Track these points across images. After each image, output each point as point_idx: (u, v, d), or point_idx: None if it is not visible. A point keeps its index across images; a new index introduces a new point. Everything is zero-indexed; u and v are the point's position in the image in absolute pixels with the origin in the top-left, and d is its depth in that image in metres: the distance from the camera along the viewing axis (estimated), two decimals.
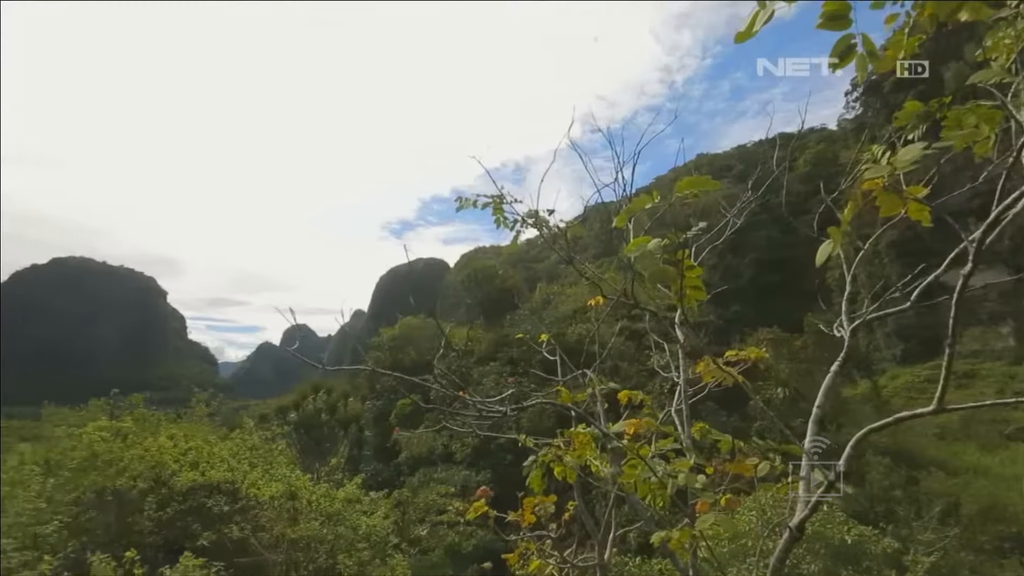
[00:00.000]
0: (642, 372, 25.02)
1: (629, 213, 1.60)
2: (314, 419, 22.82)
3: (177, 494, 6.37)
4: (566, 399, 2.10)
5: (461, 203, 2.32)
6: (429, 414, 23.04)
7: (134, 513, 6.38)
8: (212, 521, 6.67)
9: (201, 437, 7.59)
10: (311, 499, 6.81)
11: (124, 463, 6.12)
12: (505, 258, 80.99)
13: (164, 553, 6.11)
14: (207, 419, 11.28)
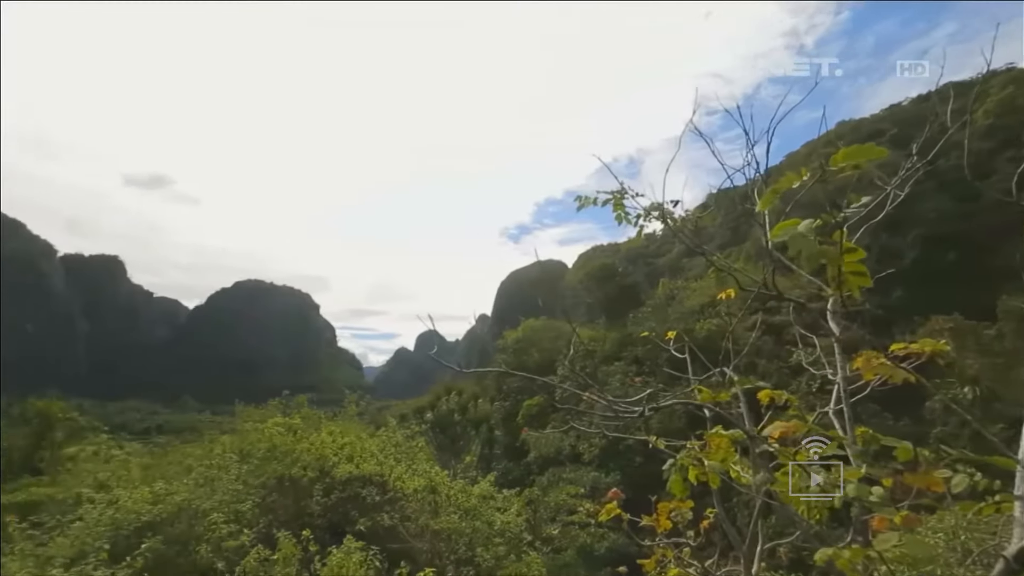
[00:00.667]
0: (783, 369, 22.68)
1: (775, 194, 1.45)
2: (448, 419, 24.30)
3: (338, 483, 7.21)
4: (706, 398, 1.96)
5: (581, 202, 2.29)
6: (555, 414, 23.28)
7: (305, 498, 7.34)
8: (367, 509, 7.42)
9: (354, 434, 8.51)
10: (449, 494, 7.26)
11: (296, 454, 7.10)
12: (624, 255, 78.77)
13: (329, 534, 6.95)
14: (357, 418, 12.64)
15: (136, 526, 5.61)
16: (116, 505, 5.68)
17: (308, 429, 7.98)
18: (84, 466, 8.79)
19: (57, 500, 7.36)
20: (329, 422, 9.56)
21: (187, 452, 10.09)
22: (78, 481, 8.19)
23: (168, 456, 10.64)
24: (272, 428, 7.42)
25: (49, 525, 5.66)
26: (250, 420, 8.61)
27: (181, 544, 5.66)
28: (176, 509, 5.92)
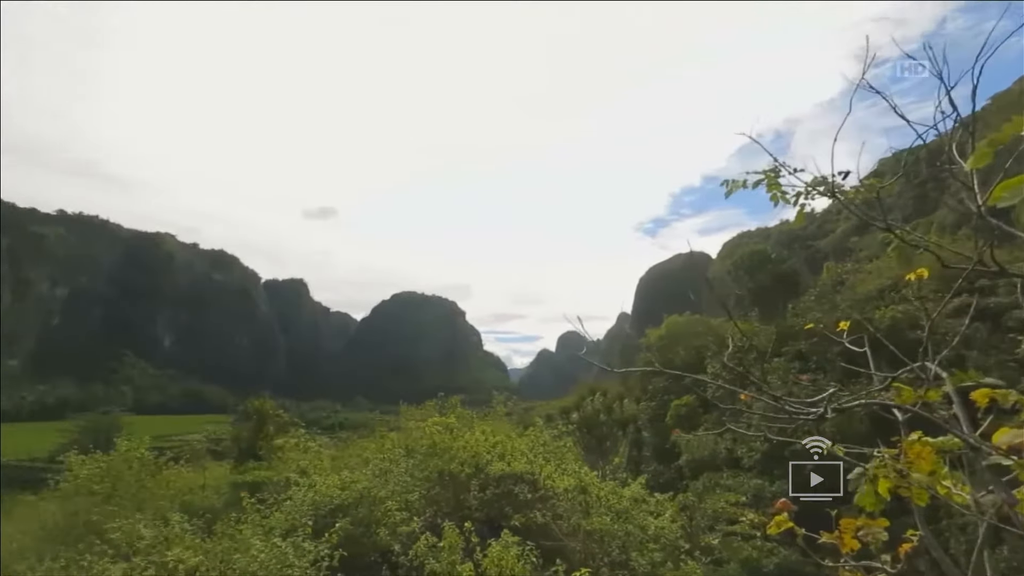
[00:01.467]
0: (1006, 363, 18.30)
1: (993, 146, 1.17)
2: (593, 419, 24.15)
3: (492, 480, 7.61)
4: (908, 398, 1.66)
5: (730, 187, 2.09)
6: (707, 415, 21.77)
7: (464, 492, 7.88)
8: (519, 506, 7.70)
9: (504, 433, 8.91)
10: (600, 494, 7.22)
11: (454, 452, 7.67)
12: (776, 239, 70.89)
13: (487, 527, 7.36)
14: (505, 418, 13.22)
15: (330, 508, 6.55)
16: (314, 489, 6.72)
17: (462, 428, 8.58)
18: (289, 455, 10.52)
19: (273, 481, 8.89)
20: (480, 422, 10.16)
21: (363, 446, 11.45)
22: (286, 467, 9.78)
23: (349, 449, 12.16)
24: (431, 427, 8.13)
25: (269, 501, 6.88)
26: (412, 419, 9.54)
27: (364, 526, 6.47)
28: (359, 496, 6.78)
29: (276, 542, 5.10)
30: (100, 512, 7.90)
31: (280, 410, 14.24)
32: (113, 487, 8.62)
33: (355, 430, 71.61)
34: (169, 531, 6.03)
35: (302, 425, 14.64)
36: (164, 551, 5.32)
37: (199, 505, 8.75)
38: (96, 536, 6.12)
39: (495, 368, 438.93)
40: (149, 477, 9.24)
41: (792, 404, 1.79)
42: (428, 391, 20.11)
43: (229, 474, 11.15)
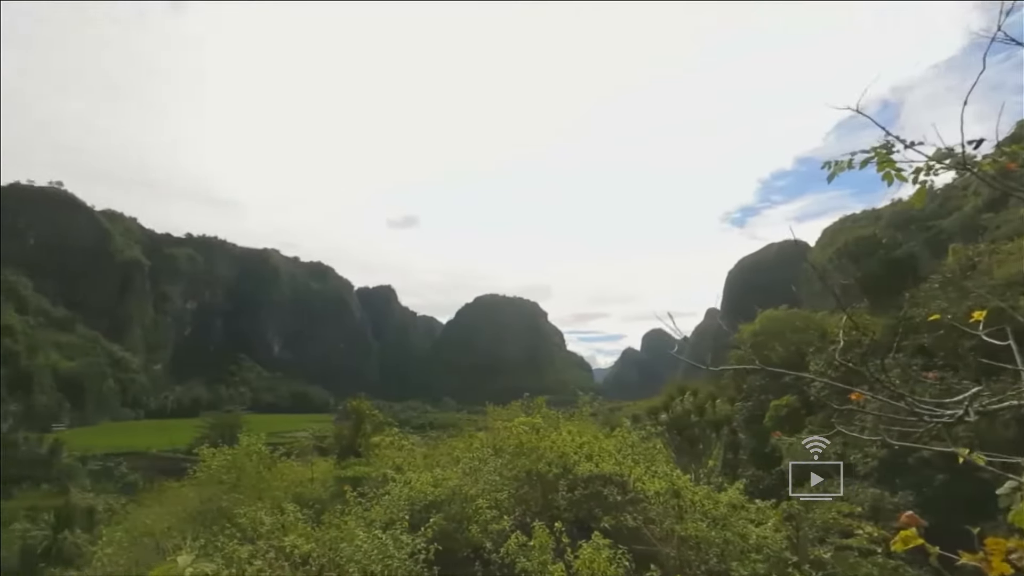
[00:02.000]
0: None
1: None
2: (683, 420, 23.17)
3: (580, 480, 7.55)
4: None
5: (833, 168, 1.90)
6: (811, 416, 20.07)
7: (552, 492, 7.89)
8: (609, 508, 7.57)
9: (590, 433, 8.82)
10: (694, 499, 6.90)
11: (541, 451, 7.72)
12: (889, 222, 63.90)
13: (576, 528, 7.32)
14: (591, 418, 13.07)
15: (424, 503, 6.85)
16: (409, 485, 7.07)
17: (548, 428, 8.60)
18: (385, 452, 11.15)
19: (371, 477, 9.47)
20: (566, 422, 10.13)
21: (453, 445, 11.83)
22: (383, 464, 10.38)
23: (439, 448, 12.63)
24: (518, 427, 8.24)
25: (369, 496, 7.34)
26: (499, 419, 9.74)
27: (457, 522, 6.69)
28: (451, 493, 7.03)
29: (377, 534, 5.43)
30: (228, 499, 8.87)
31: (375, 410, 15.17)
32: (238, 477, 9.63)
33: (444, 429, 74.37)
34: (285, 519, 6.64)
35: (395, 424, 15.52)
36: (281, 537, 5.86)
37: (309, 496, 9.53)
38: (227, 520, 6.88)
39: (579, 368, 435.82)
40: (266, 469, 10.21)
41: (922, 405, 1.59)
42: (513, 391, 20.36)
43: (333, 469, 12.03)
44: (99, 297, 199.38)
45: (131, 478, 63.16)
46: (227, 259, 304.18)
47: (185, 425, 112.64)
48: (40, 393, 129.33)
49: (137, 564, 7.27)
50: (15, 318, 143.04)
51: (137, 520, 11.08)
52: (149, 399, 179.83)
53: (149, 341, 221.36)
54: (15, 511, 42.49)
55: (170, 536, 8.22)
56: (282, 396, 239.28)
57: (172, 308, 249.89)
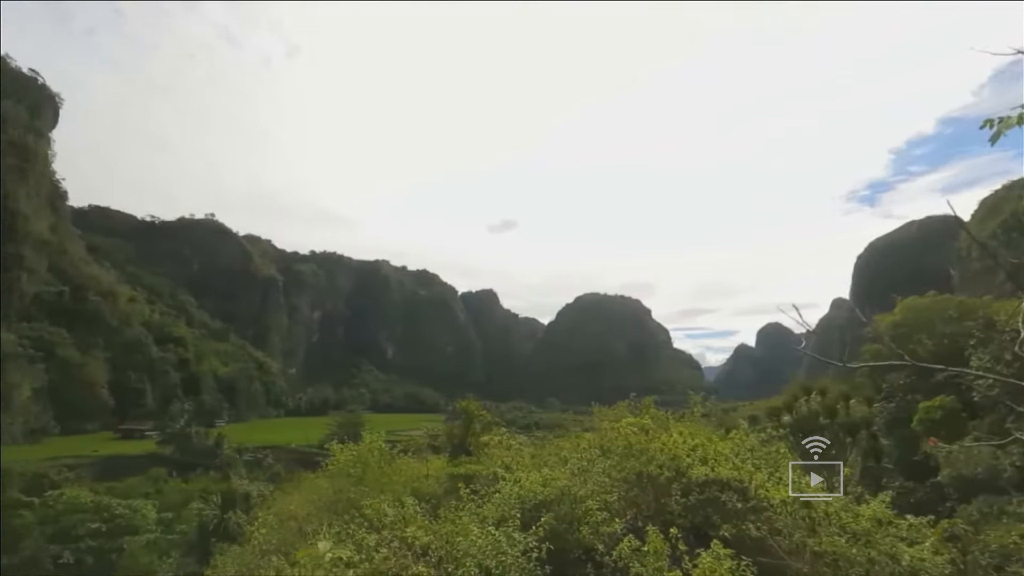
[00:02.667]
0: None
1: None
2: (810, 423, 21.04)
3: (694, 484, 7.16)
4: None
5: (998, 126, 1.56)
6: (976, 420, 17.19)
7: (664, 496, 7.57)
8: (728, 515, 7.08)
9: (703, 435, 8.34)
10: (828, 510, 6.22)
11: (651, 453, 7.45)
12: None
13: (692, 535, 6.94)
14: (703, 419, 12.34)
15: (534, 502, 6.92)
16: (519, 484, 7.19)
17: (658, 429, 8.28)
18: (494, 451, 11.45)
19: (482, 475, 9.78)
20: (676, 423, 9.67)
21: (560, 446, 11.84)
22: (492, 462, 10.66)
23: (546, 448, 12.70)
24: (626, 427, 8.02)
25: (481, 493, 7.59)
26: (605, 419, 9.56)
27: (567, 523, 6.67)
28: (560, 493, 7.04)
29: (490, 530, 5.59)
30: (355, 491, 9.67)
31: (483, 410, 15.67)
32: (362, 471, 10.47)
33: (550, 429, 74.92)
34: (405, 511, 7.09)
35: (503, 424, 15.91)
36: (403, 528, 6.27)
37: (425, 491, 10.08)
38: (355, 510, 7.51)
39: (688, 366, 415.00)
40: (387, 465, 10.98)
41: None
42: (618, 391, 19.89)
43: (446, 466, 12.62)
44: (245, 310, 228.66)
45: (276, 468, 71.52)
46: (345, 271, 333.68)
47: (316, 423, 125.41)
48: (206, 394, 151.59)
49: (284, 543, 8.19)
50: (185, 331, 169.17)
51: (282, 506, 12.50)
52: (287, 399, 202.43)
53: (285, 348, 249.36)
54: (192, 493, 50.11)
55: (309, 521, 9.16)
56: (397, 397, 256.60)
57: (302, 318, 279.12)
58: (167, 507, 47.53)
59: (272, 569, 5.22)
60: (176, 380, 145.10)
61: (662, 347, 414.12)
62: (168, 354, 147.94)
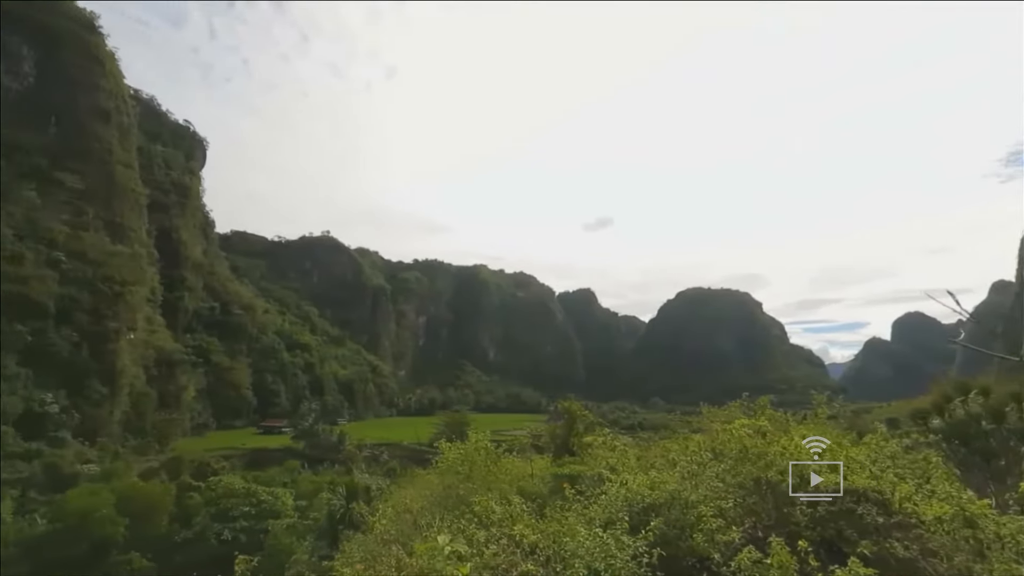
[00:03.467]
0: None
1: None
2: (969, 428, 18.09)
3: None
4: None
5: None
6: None
7: (788, 505, 6.93)
8: (866, 530, 6.31)
9: (832, 439, 7.51)
10: (1000, 532, 5.28)
11: (770, 458, 6.86)
12: None
13: (823, 550, 6.28)
14: (829, 422, 11.14)
15: (642, 506, 6.70)
16: (626, 487, 7.00)
17: (776, 432, 7.61)
18: (598, 452, 11.28)
19: (586, 476, 9.67)
20: (798, 425, 8.83)
21: (667, 447, 11.36)
22: (596, 463, 10.52)
23: (651, 450, 12.26)
24: (739, 429, 7.48)
25: (587, 494, 7.51)
26: (715, 420, 8.98)
27: (679, 529, 6.36)
28: (669, 497, 6.73)
29: (598, 532, 5.50)
30: (464, 488, 10.05)
31: (585, 410, 15.52)
32: (470, 469, 10.85)
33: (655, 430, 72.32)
34: (512, 509, 7.22)
35: (606, 424, 15.63)
36: (510, 526, 6.39)
37: (530, 490, 10.19)
38: (464, 506, 7.80)
39: (808, 363, 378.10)
40: (492, 463, 11.27)
41: None
42: (728, 391, 18.62)
43: (549, 466, 12.67)
44: (358, 317, 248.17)
45: (391, 464, 76.66)
46: (445, 277, 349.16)
47: (424, 422, 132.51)
48: (328, 395, 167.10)
49: (401, 534, 8.73)
50: (310, 338, 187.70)
51: (398, 499, 13.35)
52: (398, 400, 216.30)
53: (394, 352, 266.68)
54: (321, 484, 55.29)
55: (423, 514, 9.68)
56: (499, 397, 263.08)
57: (408, 323, 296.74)
58: (301, 496, 53.03)
59: (392, 558, 5.58)
60: (304, 382, 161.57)
61: (776, 343, 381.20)
62: (296, 359, 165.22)
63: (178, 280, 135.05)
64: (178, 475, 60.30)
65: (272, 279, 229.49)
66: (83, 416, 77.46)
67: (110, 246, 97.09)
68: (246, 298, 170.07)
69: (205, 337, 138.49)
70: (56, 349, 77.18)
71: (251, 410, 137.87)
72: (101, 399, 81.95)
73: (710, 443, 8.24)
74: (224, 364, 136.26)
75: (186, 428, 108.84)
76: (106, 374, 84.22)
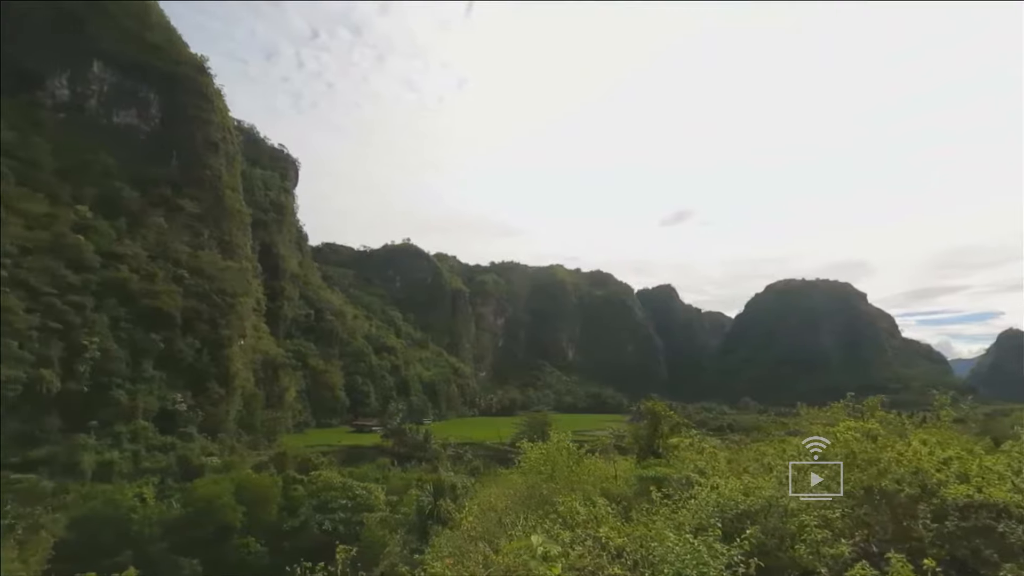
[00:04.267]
0: None
1: None
2: None
3: (952, 507, 5.76)
4: None
5: None
6: None
7: (907, 518, 6.24)
8: (1010, 551, 5.52)
9: (959, 445, 6.65)
10: None
11: (883, 464, 6.21)
12: None
13: (955, 570, 5.58)
14: (955, 425, 9.86)
15: (735, 512, 6.33)
16: (717, 491, 6.65)
17: (890, 436, 6.87)
18: (685, 454, 10.84)
19: (673, 478, 9.31)
20: (917, 429, 7.91)
21: (761, 451, 10.68)
22: (683, 466, 10.10)
23: (743, 453, 11.58)
24: (845, 432, 6.83)
25: (675, 497, 7.23)
26: (816, 422, 8.25)
27: (778, 538, 5.94)
28: (766, 504, 6.31)
29: (688, 538, 5.27)
30: (547, 488, 10.06)
31: (670, 411, 14.97)
32: (552, 469, 10.84)
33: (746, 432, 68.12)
34: (597, 511, 7.12)
35: (692, 425, 14.95)
36: (595, 527, 6.29)
37: (614, 492, 9.99)
38: (548, 506, 7.81)
39: (926, 359, 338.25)
40: (575, 464, 11.19)
41: None
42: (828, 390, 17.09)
43: (634, 468, 12.35)
44: (439, 321, 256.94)
45: (475, 463, 78.49)
46: (522, 278, 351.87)
47: (506, 422, 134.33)
48: (414, 395, 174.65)
49: (487, 532, 8.90)
50: (395, 341, 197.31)
51: (483, 497, 13.63)
52: (479, 400, 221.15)
53: (474, 353, 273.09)
54: (409, 480, 57.84)
55: (507, 513, 9.81)
56: (579, 397, 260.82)
57: (487, 324, 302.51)
58: (392, 491, 55.79)
59: (480, 554, 5.71)
60: (391, 383, 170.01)
61: (885, 337, 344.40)
62: (383, 361, 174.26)
63: (278, 290, 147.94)
64: (284, 468, 65.87)
65: (359, 286, 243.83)
66: (205, 414, 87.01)
67: (222, 262, 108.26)
68: (337, 305, 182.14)
69: (303, 342, 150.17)
70: (182, 355, 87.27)
71: (344, 410, 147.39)
72: (219, 399, 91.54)
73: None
74: (320, 367, 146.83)
75: (289, 426, 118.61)
76: (222, 377, 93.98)
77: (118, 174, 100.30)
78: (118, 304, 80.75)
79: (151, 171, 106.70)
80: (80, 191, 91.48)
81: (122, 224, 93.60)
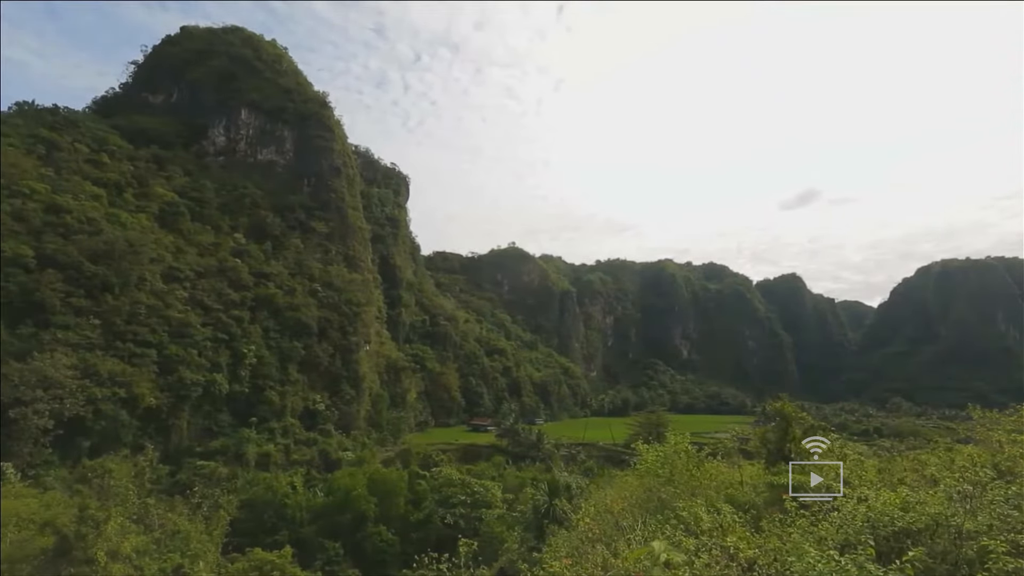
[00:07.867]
0: None
1: None
2: None
3: None
4: None
5: None
6: None
7: None
8: None
9: None
10: None
11: None
12: None
13: None
14: None
15: (891, 529, 5.53)
16: (866, 504, 5.86)
17: None
18: (822, 460, 9.70)
19: (808, 487, 8.40)
20: None
21: (921, 460, 9.28)
22: (819, 472, 9.07)
23: (898, 462, 10.15)
24: None
25: (814, 508, 6.51)
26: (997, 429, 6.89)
27: (950, 564, 5.08)
28: (932, 522, 5.42)
29: (832, 554, 4.70)
30: (666, 492, 9.63)
31: (802, 412, 13.54)
32: (671, 473, 10.36)
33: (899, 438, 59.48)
34: (723, 519, 6.64)
35: (831, 429, 13.30)
36: (722, 536, 5.87)
37: (741, 500, 9.26)
38: (668, 511, 7.46)
39: None
40: (695, 468, 10.59)
41: None
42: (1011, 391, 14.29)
43: (762, 474, 11.36)
44: (548, 322, 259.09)
45: (588, 464, 77.72)
46: (630, 275, 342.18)
47: (618, 423, 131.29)
48: (525, 396, 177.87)
49: (604, 534, 8.74)
50: (506, 343, 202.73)
51: (599, 499, 13.43)
52: (591, 400, 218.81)
53: (585, 353, 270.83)
54: (524, 479, 58.94)
55: (624, 516, 9.55)
56: (697, 397, 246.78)
57: (596, 324, 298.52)
58: (508, 489, 57.28)
59: (599, 556, 5.61)
60: (503, 384, 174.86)
61: None
62: (495, 363, 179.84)
63: (396, 298, 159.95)
64: (409, 464, 70.73)
65: (469, 291, 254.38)
66: (340, 413, 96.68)
67: (348, 275, 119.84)
68: (449, 310, 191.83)
69: (420, 346, 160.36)
70: (319, 360, 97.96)
71: (461, 410, 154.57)
72: (351, 399, 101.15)
73: (990, 458, 6.39)
74: (437, 370, 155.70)
75: (411, 424, 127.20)
76: (353, 379, 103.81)
77: (263, 204, 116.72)
78: (268, 316, 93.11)
79: (288, 198, 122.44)
80: (236, 221, 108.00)
81: (268, 247, 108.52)
